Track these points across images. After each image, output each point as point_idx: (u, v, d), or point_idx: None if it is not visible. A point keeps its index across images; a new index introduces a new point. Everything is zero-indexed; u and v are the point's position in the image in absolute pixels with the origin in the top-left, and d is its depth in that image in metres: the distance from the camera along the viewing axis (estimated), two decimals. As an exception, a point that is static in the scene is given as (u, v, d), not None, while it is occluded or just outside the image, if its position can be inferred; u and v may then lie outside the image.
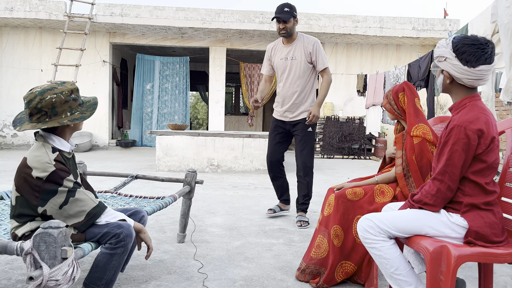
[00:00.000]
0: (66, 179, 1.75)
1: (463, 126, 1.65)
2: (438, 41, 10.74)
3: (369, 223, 1.81)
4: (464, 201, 1.70)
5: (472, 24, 4.24)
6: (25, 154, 1.81)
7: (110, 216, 1.87)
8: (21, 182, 1.77)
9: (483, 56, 1.67)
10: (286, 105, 3.71)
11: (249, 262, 2.68)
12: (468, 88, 1.76)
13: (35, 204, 1.76)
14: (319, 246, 2.39)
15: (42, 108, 1.74)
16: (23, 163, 1.77)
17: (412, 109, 2.33)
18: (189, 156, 7.04)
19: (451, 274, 1.57)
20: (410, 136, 2.29)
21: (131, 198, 2.81)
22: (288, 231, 3.46)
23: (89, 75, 10.99)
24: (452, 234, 1.70)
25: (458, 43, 1.70)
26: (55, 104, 1.76)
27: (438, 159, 1.74)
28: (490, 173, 1.70)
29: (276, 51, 3.77)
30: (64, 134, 1.87)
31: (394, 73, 7.22)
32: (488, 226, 1.66)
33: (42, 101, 1.74)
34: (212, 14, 10.23)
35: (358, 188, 2.36)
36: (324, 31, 10.42)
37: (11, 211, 1.84)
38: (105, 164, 7.75)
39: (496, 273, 2.57)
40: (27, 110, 1.77)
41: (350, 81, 11.17)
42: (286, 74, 3.68)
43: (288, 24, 3.55)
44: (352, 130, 10.42)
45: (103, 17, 10.09)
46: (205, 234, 3.30)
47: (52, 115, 1.76)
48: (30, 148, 1.95)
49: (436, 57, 1.79)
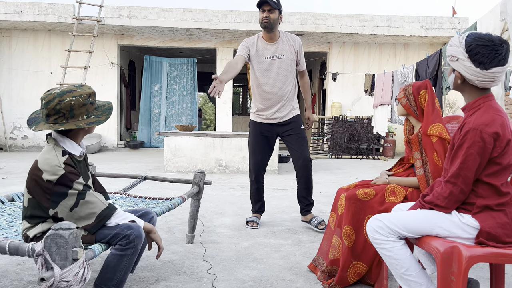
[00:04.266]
0: (76, 182, 1.77)
1: (479, 129, 1.61)
2: (446, 39, 10.66)
3: (379, 224, 1.79)
4: (477, 202, 1.68)
5: (481, 22, 4.20)
6: (37, 156, 1.83)
7: (120, 217, 1.88)
8: (33, 184, 1.79)
9: (497, 58, 1.62)
10: (275, 106, 3.50)
11: (258, 263, 2.68)
12: (480, 88, 1.72)
13: (46, 206, 1.78)
14: (334, 247, 2.38)
15: (61, 110, 1.76)
16: (35, 165, 1.79)
17: (431, 107, 2.30)
18: (197, 157, 7.05)
19: (462, 275, 1.55)
20: (426, 135, 2.26)
21: (140, 199, 2.83)
22: (297, 231, 3.45)
23: (97, 77, 11.07)
24: (463, 234, 1.68)
25: (472, 43, 1.65)
26: (73, 106, 1.77)
27: (452, 161, 1.71)
28: (504, 174, 1.67)
29: (258, 48, 3.46)
30: (77, 137, 1.90)
31: (402, 72, 7.17)
32: (500, 226, 1.64)
33: (61, 102, 1.75)
34: (219, 15, 10.25)
35: (369, 188, 2.35)
36: (332, 31, 10.39)
37: (23, 212, 1.86)
38: (114, 165, 7.80)
39: (508, 273, 2.54)
40: (45, 111, 1.78)
41: (357, 81, 11.12)
42: (274, 74, 3.45)
43: (273, 14, 3.33)
44: (360, 130, 10.37)
45: (111, 19, 10.16)
46: (213, 235, 3.30)
47: (69, 117, 1.78)
48: (41, 150, 1.96)
49: (448, 56, 1.74)
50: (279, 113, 3.52)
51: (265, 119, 3.56)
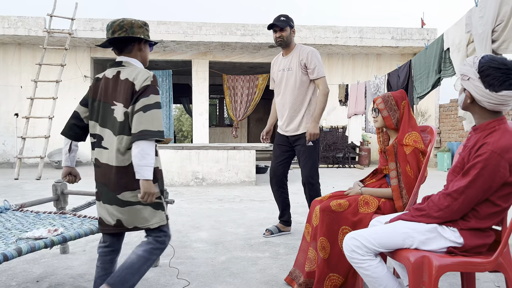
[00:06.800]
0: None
1: (499, 153, 1.59)
2: (417, 50, 10.96)
3: (356, 243, 1.78)
4: (472, 222, 1.68)
5: (447, 34, 4.34)
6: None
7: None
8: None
9: (508, 81, 1.61)
10: (283, 117, 3.62)
11: (234, 278, 2.65)
12: (490, 111, 1.70)
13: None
14: (310, 259, 2.39)
15: (124, 26, 1.97)
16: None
17: (407, 117, 2.36)
18: (173, 170, 6.98)
19: (433, 284, 1.58)
20: (400, 145, 2.30)
21: (79, 218, 2.68)
22: (274, 243, 3.44)
23: (70, 90, 10.87)
24: (439, 246, 1.70)
25: (485, 64, 1.64)
26: (133, 25, 1.99)
27: (461, 177, 1.67)
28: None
29: (276, 63, 3.73)
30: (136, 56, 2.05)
31: (375, 83, 7.32)
32: (481, 245, 1.68)
33: (124, 20, 1.99)
34: (193, 27, 10.27)
35: (343, 199, 2.37)
36: (306, 42, 10.53)
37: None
38: (87, 181, 7.59)
39: (480, 279, 2.59)
40: (110, 30, 1.98)
41: (332, 91, 11.18)
42: (283, 86, 3.61)
43: (284, 32, 3.53)
44: (336, 139, 10.51)
45: (83, 32, 10.03)
46: (190, 250, 3.26)
47: (130, 33, 1.97)
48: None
49: (461, 75, 1.73)
50: (290, 125, 3.59)
51: (280, 130, 3.72)
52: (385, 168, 2.46)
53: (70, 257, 3.06)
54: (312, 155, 3.52)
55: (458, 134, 10.17)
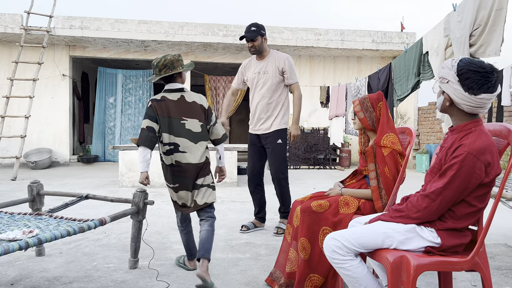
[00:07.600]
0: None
1: (474, 155, 1.60)
2: (396, 53, 11.14)
3: (337, 244, 1.78)
4: (448, 223, 1.70)
5: (426, 38, 4.41)
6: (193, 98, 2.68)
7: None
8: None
9: (486, 84, 1.62)
10: (256, 117, 3.85)
11: (215, 279, 2.63)
12: (468, 113, 1.71)
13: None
14: (291, 260, 2.39)
15: (167, 64, 2.58)
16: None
17: (385, 118, 2.39)
18: (153, 170, 6.86)
19: (411, 283, 1.60)
20: (379, 146, 2.33)
21: (55, 219, 2.56)
22: (255, 244, 3.44)
23: (47, 89, 10.65)
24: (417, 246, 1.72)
25: (464, 67, 1.65)
26: (173, 61, 2.59)
27: (438, 178, 1.69)
28: (489, 198, 1.70)
29: (250, 66, 3.94)
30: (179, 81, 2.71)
31: (355, 85, 7.40)
32: (458, 245, 1.71)
33: (166, 60, 2.58)
34: (175, 27, 10.19)
35: (323, 200, 2.38)
36: (287, 44, 10.59)
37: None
38: (65, 182, 7.47)
39: (457, 278, 2.64)
40: (157, 69, 2.59)
41: (313, 93, 11.36)
42: (259, 87, 3.82)
43: (256, 42, 3.74)
44: (317, 141, 10.58)
45: (62, 30, 9.84)
46: (170, 252, 3.22)
47: (172, 68, 2.59)
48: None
49: (440, 78, 1.73)
50: (262, 124, 3.83)
51: (252, 130, 3.92)
52: (365, 169, 2.49)
53: (46, 260, 2.99)
54: (282, 151, 3.79)
55: (436, 136, 10.37)
